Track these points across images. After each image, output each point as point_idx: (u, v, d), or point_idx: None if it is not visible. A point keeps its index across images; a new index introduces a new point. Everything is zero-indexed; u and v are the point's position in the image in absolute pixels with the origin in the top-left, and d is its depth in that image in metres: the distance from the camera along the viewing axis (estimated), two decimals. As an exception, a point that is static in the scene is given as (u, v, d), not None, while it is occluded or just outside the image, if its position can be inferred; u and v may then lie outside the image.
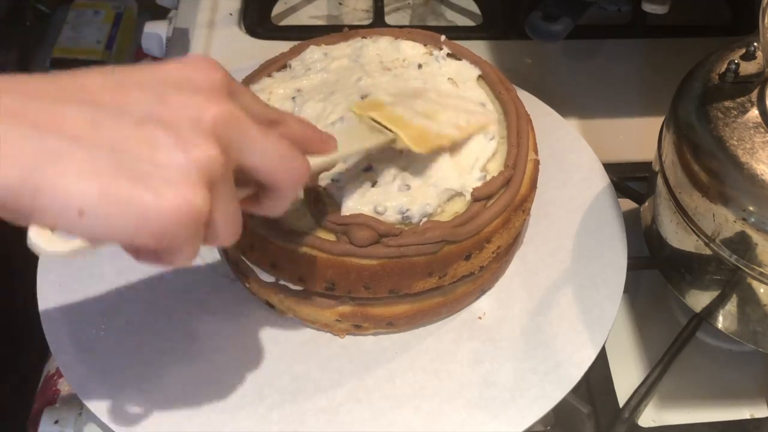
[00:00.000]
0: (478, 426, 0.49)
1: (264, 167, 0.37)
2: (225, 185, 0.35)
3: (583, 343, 0.53)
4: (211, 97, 0.35)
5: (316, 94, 0.56)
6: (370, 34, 0.61)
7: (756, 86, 0.51)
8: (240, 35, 0.80)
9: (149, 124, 0.33)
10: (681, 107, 0.53)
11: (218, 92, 0.36)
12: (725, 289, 0.53)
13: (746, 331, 0.54)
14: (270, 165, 0.37)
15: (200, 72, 0.36)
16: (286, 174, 0.38)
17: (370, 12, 0.84)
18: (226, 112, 0.35)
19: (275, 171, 0.38)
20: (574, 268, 0.57)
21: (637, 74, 0.80)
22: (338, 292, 0.50)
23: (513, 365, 0.52)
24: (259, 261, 0.51)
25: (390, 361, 0.52)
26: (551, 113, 0.67)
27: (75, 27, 1.45)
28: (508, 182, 0.52)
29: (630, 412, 0.53)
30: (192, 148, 0.33)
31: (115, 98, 0.34)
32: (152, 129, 0.33)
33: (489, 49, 0.80)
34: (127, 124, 0.33)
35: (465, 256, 0.51)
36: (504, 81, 0.58)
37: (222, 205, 0.35)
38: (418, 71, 0.58)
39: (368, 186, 0.49)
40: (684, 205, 0.52)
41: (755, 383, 0.59)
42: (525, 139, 0.54)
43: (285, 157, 0.38)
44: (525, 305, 0.55)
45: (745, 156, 0.48)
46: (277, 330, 0.54)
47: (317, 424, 0.49)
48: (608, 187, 0.62)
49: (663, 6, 0.67)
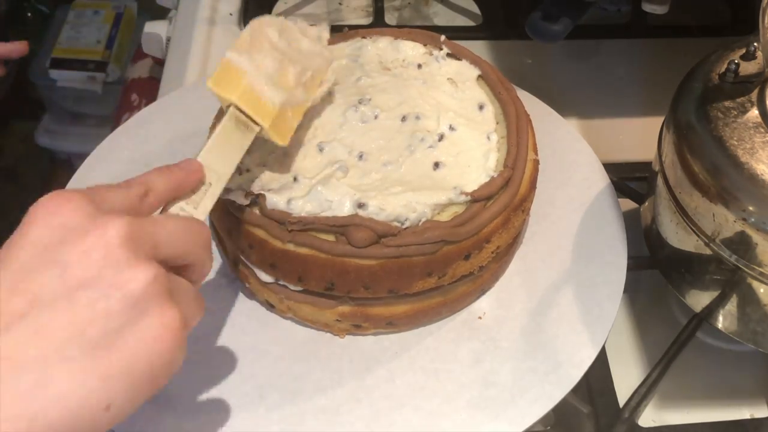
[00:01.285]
0: (478, 426, 0.49)
1: (180, 246, 0.37)
2: (174, 282, 0.36)
3: (583, 343, 0.53)
4: (95, 225, 0.34)
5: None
6: (370, 34, 0.61)
7: (756, 86, 0.51)
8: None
9: (77, 293, 0.32)
10: (681, 107, 0.53)
11: (94, 216, 0.34)
12: (725, 289, 0.53)
13: (746, 331, 0.54)
14: (182, 241, 0.37)
15: (59, 212, 0.34)
16: (196, 238, 0.38)
17: (370, 12, 0.84)
18: (123, 226, 0.34)
19: (189, 242, 0.38)
20: (574, 268, 0.57)
21: (637, 74, 0.80)
22: (338, 292, 0.50)
23: (513, 365, 0.52)
24: (259, 261, 0.51)
25: (390, 361, 0.52)
26: (551, 113, 0.67)
27: (75, 27, 1.45)
28: (507, 182, 0.52)
29: (630, 412, 0.53)
30: (129, 278, 0.33)
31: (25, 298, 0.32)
32: (84, 293, 0.32)
33: (489, 49, 0.80)
34: (61, 308, 0.32)
35: (464, 256, 0.51)
36: (504, 81, 0.58)
37: (185, 297, 0.36)
38: (417, 71, 0.58)
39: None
40: (684, 205, 0.52)
41: (755, 383, 0.59)
42: (525, 139, 0.54)
43: (187, 228, 0.38)
44: (525, 305, 0.55)
45: (745, 156, 0.48)
46: (277, 330, 0.54)
47: (317, 424, 0.49)
48: (608, 187, 0.62)
49: (663, 6, 0.67)
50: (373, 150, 0.52)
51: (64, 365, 0.31)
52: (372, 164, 0.51)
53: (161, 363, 0.34)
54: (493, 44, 0.81)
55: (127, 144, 0.64)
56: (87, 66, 1.40)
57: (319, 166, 0.51)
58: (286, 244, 0.49)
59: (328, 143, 0.52)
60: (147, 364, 0.33)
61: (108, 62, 1.41)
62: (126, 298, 0.33)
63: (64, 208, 0.34)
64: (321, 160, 0.51)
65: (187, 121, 0.64)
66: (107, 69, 1.40)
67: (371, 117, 0.54)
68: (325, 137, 0.52)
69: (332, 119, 0.53)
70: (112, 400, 0.32)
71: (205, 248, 0.39)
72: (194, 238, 0.38)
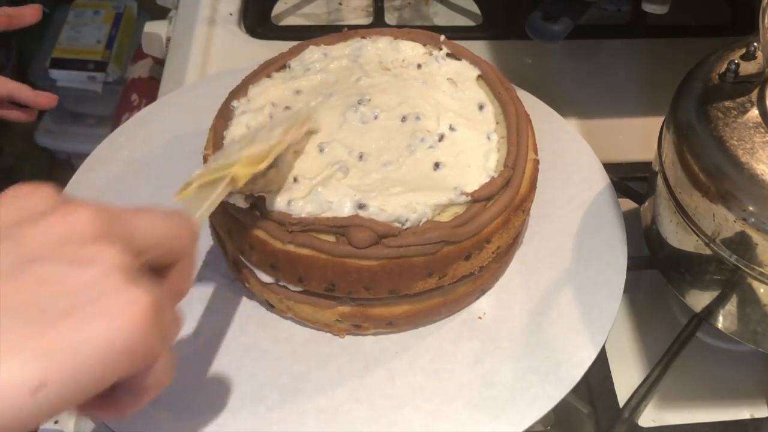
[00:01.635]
0: (478, 426, 0.49)
1: (160, 235, 0.34)
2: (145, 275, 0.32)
3: (583, 343, 0.53)
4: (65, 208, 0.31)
5: (316, 94, 0.56)
6: (370, 35, 0.61)
7: (756, 86, 0.51)
8: (240, 35, 0.80)
9: (30, 265, 0.29)
10: (681, 107, 0.53)
11: (65, 201, 0.32)
12: (725, 289, 0.53)
13: (746, 331, 0.54)
14: (162, 230, 0.34)
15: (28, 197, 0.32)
16: (179, 228, 0.35)
17: (370, 12, 0.84)
18: (94, 209, 0.31)
19: (169, 234, 0.34)
20: (574, 268, 0.57)
21: (637, 74, 0.80)
22: (338, 292, 0.50)
23: (513, 365, 0.52)
24: (259, 262, 0.51)
25: (390, 361, 0.52)
26: (551, 113, 0.67)
27: (75, 27, 1.45)
28: (507, 182, 0.52)
29: (630, 412, 0.53)
30: (92, 256, 0.30)
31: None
32: (38, 266, 0.29)
33: (489, 49, 0.80)
34: (8, 278, 0.29)
35: (465, 256, 0.51)
36: (504, 81, 0.58)
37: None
38: (417, 71, 0.58)
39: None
40: (684, 205, 0.52)
41: (755, 383, 0.59)
42: (525, 139, 0.54)
43: (168, 216, 0.35)
44: (525, 305, 0.55)
45: (745, 156, 0.48)
46: (277, 330, 0.54)
47: (317, 424, 0.49)
48: (608, 187, 0.62)
49: (663, 6, 0.67)
50: (373, 150, 0.52)
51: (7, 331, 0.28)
52: (372, 165, 0.51)
53: (118, 345, 0.29)
54: (493, 44, 0.81)
55: (127, 144, 0.64)
56: (87, 66, 1.40)
57: (319, 166, 0.51)
58: (286, 245, 0.49)
59: (327, 144, 0.52)
60: (98, 345, 0.28)
61: (108, 62, 1.41)
62: (83, 274, 0.29)
63: (34, 195, 0.32)
64: (321, 160, 0.51)
65: (187, 121, 0.64)
66: (107, 69, 1.40)
67: (371, 117, 0.54)
68: (324, 138, 0.52)
69: (332, 120, 0.53)
70: (47, 379, 0.27)
71: (189, 243, 0.36)
72: (176, 231, 0.35)
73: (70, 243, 0.30)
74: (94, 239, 0.30)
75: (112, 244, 0.31)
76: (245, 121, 0.54)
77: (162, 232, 0.34)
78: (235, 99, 0.56)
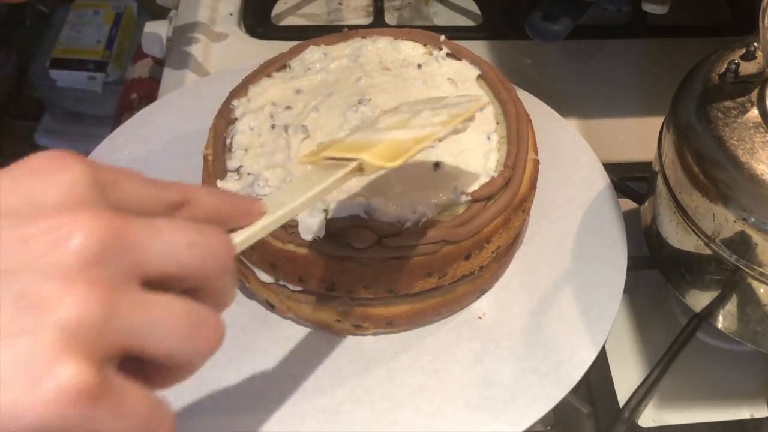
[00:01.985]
0: (478, 426, 0.49)
1: (177, 266, 0.28)
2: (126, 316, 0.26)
3: (583, 343, 0.53)
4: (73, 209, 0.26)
5: (316, 94, 0.56)
6: (370, 34, 0.61)
7: (756, 86, 0.51)
8: (240, 35, 0.80)
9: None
10: (681, 107, 0.53)
11: (80, 199, 0.26)
12: (725, 289, 0.53)
13: (746, 331, 0.54)
14: (184, 261, 0.28)
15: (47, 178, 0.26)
16: (208, 260, 0.29)
17: (370, 12, 0.84)
18: (101, 230, 0.25)
19: (192, 265, 0.28)
20: (574, 268, 0.57)
21: (637, 74, 0.80)
22: (338, 292, 0.50)
23: (513, 365, 0.52)
24: (259, 261, 0.51)
25: (390, 361, 0.52)
26: (551, 113, 0.67)
27: (75, 27, 1.45)
28: (507, 182, 0.52)
29: (630, 412, 0.53)
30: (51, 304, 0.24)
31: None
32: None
33: (489, 49, 0.80)
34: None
35: (465, 256, 0.51)
36: (504, 81, 0.58)
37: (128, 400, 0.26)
38: (417, 71, 0.58)
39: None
40: (684, 205, 0.52)
41: (755, 383, 0.59)
42: (525, 139, 0.54)
43: (196, 243, 0.28)
44: (525, 305, 0.55)
45: (745, 156, 0.48)
46: (277, 330, 0.54)
47: (317, 424, 0.49)
48: (608, 187, 0.62)
49: (663, 6, 0.67)
50: (373, 150, 0.52)
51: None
52: (372, 164, 0.51)
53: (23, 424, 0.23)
54: (493, 44, 0.81)
55: (127, 144, 0.64)
56: (87, 66, 1.40)
57: (319, 166, 0.51)
58: (286, 245, 0.49)
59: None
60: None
61: (108, 62, 1.41)
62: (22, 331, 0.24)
63: (62, 174, 0.26)
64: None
65: (187, 121, 0.64)
66: (107, 69, 1.40)
67: (371, 117, 0.54)
68: (324, 138, 0.52)
69: (332, 120, 0.54)
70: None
71: (223, 271, 0.30)
72: (206, 253, 0.29)
73: (41, 272, 0.24)
74: (77, 273, 0.25)
75: (93, 288, 0.25)
76: (248, 122, 0.54)
77: (188, 256, 0.28)
78: (235, 99, 0.56)
